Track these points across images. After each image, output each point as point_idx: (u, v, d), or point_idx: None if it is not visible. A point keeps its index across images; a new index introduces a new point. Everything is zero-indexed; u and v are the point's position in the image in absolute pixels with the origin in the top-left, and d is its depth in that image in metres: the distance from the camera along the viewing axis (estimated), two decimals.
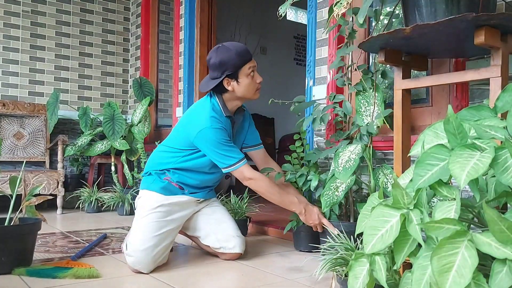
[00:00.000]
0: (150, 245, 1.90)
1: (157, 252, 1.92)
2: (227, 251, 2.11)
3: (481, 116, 1.15)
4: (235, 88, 2.06)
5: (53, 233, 2.82)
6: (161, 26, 4.67)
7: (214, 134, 1.97)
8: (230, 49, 2.01)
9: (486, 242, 0.88)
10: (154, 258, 1.91)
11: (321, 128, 2.59)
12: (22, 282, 1.74)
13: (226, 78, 2.03)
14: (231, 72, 2.01)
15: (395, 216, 1.06)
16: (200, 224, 2.20)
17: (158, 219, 2.00)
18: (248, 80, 2.05)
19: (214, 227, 2.16)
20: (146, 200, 2.07)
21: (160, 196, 2.06)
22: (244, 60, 2.02)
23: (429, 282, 0.94)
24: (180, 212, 2.10)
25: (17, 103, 4.08)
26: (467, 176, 0.92)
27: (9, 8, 4.17)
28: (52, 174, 3.71)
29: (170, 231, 2.03)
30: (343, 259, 1.56)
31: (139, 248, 1.89)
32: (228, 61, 2.00)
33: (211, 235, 2.15)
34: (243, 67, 2.02)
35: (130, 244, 1.94)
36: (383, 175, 1.85)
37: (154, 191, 2.08)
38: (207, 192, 2.24)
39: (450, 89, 2.00)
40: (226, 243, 2.11)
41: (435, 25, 1.31)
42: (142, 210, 2.04)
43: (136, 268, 1.89)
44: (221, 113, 2.08)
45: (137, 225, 2.01)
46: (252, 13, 5.88)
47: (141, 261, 1.88)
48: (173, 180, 2.10)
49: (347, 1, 1.68)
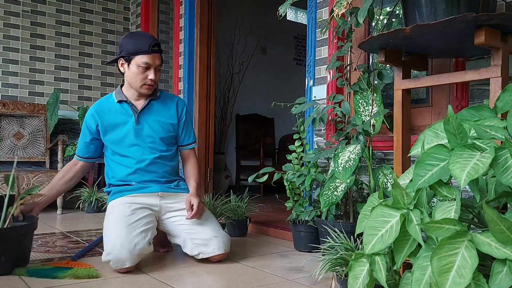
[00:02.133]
0: (118, 241, 1.87)
1: (129, 243, 1.87)
2: (208, 256, 2.03)
3: (481, 116, 1.15)
4: (126, 72, 2.13)
5: (53, 233, 2.82)
6: (161, 26, 4.67)
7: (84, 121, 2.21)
8: (134, 36, 2.13)
9: (486, 242, 0.88)
10: (128, 250, 1.86)
11: (321, 128, 2.59)
12: (22, 282, 1.74)
13: (121, 58, 2.12)
14: (125, 55, 2.09)
15: (395, 216, 1.06)
16: (175, 230, 2.11)
17: (120, 216, 1.98)
18: (136, 70, 2.08)
19: (190, 232, 2.06)
20: (108, 210, 2.11)
21: (115, 200, 2.10)
22: (137, 50, 2.06)
23: (429, 282, 0.94)
24: (142, 198, 2.08)
25: (17, 103, 4.08)
26: (467, 176, 0.92)
27: (9, 8, 4.17)
28: (52, 174, 3.70)
29: (137, 222, 1.97)
30: (343, 259, 1.56)
31: (110, 248, 1.87)
32: (125, 44, 2.11)
33: (188, 241, 2.05)
34: (136, 56, 2.07)
35: (104, 250, 1.92)
36: (383, 175, 1.85)
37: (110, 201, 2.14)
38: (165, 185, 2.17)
39: (450, 89, 2.00)
40: (204, 247, 2.02)
41: (435, 25, 1.30)
42: (105, 220, 2.06)
43: (118, 267, 1.87)
44: (111, 99, 2.19)
45: (104, 231, 2.01)
46: (252, 13, 5.88)
47: (118, 258, 1.85)
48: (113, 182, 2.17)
49: (347, 1, 1.68)
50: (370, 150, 1.96)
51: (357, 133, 1.97)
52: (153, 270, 1.93)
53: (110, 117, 2.15)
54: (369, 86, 1.98)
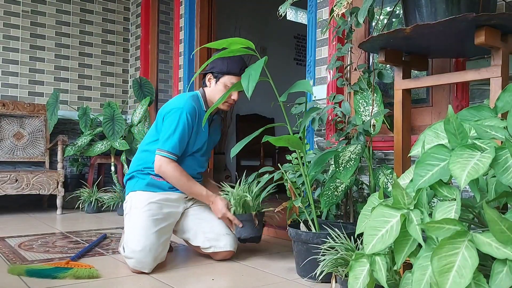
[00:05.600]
0: (147, 244, 1.90)
1: (155, 249, 1.91)
2: (218, 250, 2.08)
3: (481, 116, 1.15)
4: (211, 86, 2.20)
5: (53, 233, 2.82)
6: (161, 26, 4.67)
7: (181, 117, 2.07)
8: (230, 57, 2.13)
9: (486, 242, 0.88)
10: (153, 256, 1.90)
11: (321, 128, 2.59)
12: (22, 282, 1.73)
13: (211, 73, 2.19)
14: (216, 72, 2.17)
15: (395, 216, 1.06)
16: (189, 224, 2.16)
17: (151, 216, 1.99)
18: (223, 89, 2.16)
19: (203, 226, 2.12)
20: (134, 201, 2.07)
21: (147, 193, 2.07)
22: (228, 70, 2.15)
23: (429, 282, 0.93)
24: (170, 208, 2.10)
25: (17, 103, 4.08)
26: (467, 176, 0.92)
27: (9, 8, 4.17)
28: (52, 174, 3.71)
29: (165, 228, 2.02)
30: (343, 260, 1.56)
31: (137, 248, 1.88)
32: (219, 63, 2.16)
33: (200, 234, 2.11)
34: (225, 76, 2.15)
35: (127, 246, 1.93)
36: (384, 175, 1.85)
37: (140, 190, 2.09)
38: None
39: (450, 89, 2.00)
40: (216, 242, 2.08)
41: (435, 25, 1.30)
42: (132, 211, 2.04)
43: (137, 269, 1.89)
44: (200, 105, 2.19)
45: (131, 226, 1.99)
46: (252, 13, 5.88)
47: (141, 260, 1.87)
48: (155, 174, 2.10)
49: (347, 1, 1.68)
50: (370, 150, 1.96)
51: (357, 133, 1.97)
52: (153, 270, 1.93)
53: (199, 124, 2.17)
54: (369, 86, 1.98)
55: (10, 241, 2.53)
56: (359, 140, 1.94)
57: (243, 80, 1.67)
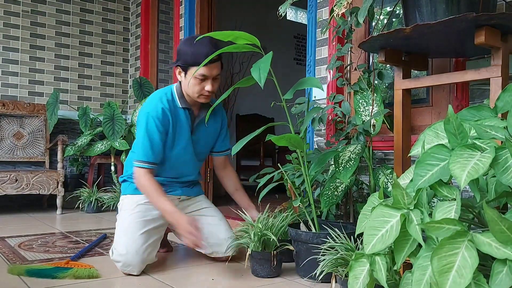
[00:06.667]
0: (134, 247, 1.88)
1: (143, 251, 1.88)
2: (220, 255, 2.08)
3: (481, 116, 1.15)
4: (182, 80, 2.01)
5: (53, 233, 2.81)
6: (161, 26, 4.67)
7: (147, 122, 1.95)
8: (193, 44, 1.94)
9: (486, 242, 0.88)
10: (141, 258, 1.87)
11: (321, 128, 2.58)
12: (22, 282, 1.73)
13: (178, 66, 1.99)
14: (183, 64, 1.97)
15: (395, 216, 1.06)
16: None
17: (139, 218, 1.96)
18: (193, 81, 1.95)
19: (204, 232, 2.02)
20: (124, 204, 2.07)
21: (136, 196, 2.04)
22: (195, 62, 1.91)
23: (429, 282, 0.93)
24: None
25: (17, 103, 4.08)
26: (467, 176, 0.92)
27: (9, 8, 4.17)
28: (52, 174, 3.70)
29: (154, 230, 1.98)
30: (343, 260, 1.56)
31: (123, 251, 1.87)
32: (183, 54, 1.96)
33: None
34: (192, 67, 1.93)
35: (115, 249, 1.92)
36: (383, 175, 1.85)
37: (129, 194, 2.08)
38: (188, 188, 2.17)
39: (450, 89, 2.00)
40: (219, 247, 2.06)
41: (435, 25, 1.30)
42: (121, 214, 2.04)
43: (126, 271, 1.87)
44: (174, 103, 2.03)
45: (119, 229, 1.99)
46: (252, 13, 5.88)
47: (129, 263, 1.86)
48: None
49: (347, 1, 1.68)
50: (370, 150, 1.96)
51: (357, 133, 1.97)
52: (153, 270, 1.93)
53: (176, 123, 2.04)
54: (369, 86, 1.98)
55: (10, 241, 2.53)
56: (359, 140, 1.94)
57: (254, 72, 1.58)
